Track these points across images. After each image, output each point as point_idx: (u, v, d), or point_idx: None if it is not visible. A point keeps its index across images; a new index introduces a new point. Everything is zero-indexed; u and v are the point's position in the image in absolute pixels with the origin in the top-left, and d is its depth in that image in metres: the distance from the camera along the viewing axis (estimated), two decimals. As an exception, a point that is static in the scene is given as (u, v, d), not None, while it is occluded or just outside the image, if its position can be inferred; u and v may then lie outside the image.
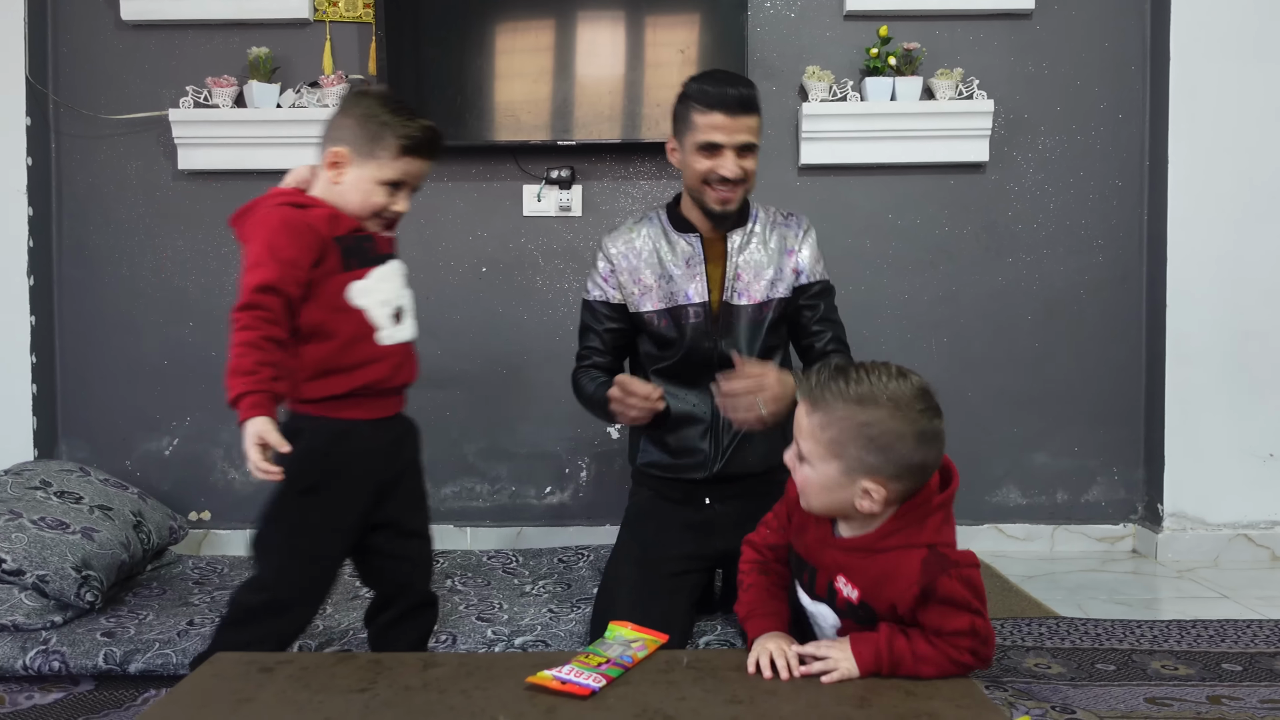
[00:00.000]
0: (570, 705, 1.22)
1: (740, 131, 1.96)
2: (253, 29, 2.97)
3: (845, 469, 1.30)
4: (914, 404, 1.30)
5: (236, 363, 1.50)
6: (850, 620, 1.36)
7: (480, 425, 3.06)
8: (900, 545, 1.31)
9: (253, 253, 1.57)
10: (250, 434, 1.46)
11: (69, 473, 2.58)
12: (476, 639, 2.08)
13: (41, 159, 2.99)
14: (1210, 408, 2.92)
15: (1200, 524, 2.93)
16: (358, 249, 1.65)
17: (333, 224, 1.63)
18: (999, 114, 2.98)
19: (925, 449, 1.30)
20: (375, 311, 1.65)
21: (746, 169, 2.00)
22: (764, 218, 2.13)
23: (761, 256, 2.08)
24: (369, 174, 1.65)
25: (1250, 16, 2.87)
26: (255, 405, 1.47)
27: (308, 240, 1.59)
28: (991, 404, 3.05)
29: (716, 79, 1.99)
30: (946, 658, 1.28)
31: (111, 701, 1.89)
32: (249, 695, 1.28)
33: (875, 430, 1.28)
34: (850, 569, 1.34)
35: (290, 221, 1.59)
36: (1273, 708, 1.80)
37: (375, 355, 1.65)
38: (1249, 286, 2.91)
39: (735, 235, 2.09)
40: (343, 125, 1.67)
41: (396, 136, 1.64)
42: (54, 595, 2.09)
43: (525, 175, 3.02)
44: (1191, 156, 2.90)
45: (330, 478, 1.65)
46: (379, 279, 1.67)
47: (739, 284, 2.07)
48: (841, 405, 1.29)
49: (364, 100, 1.68)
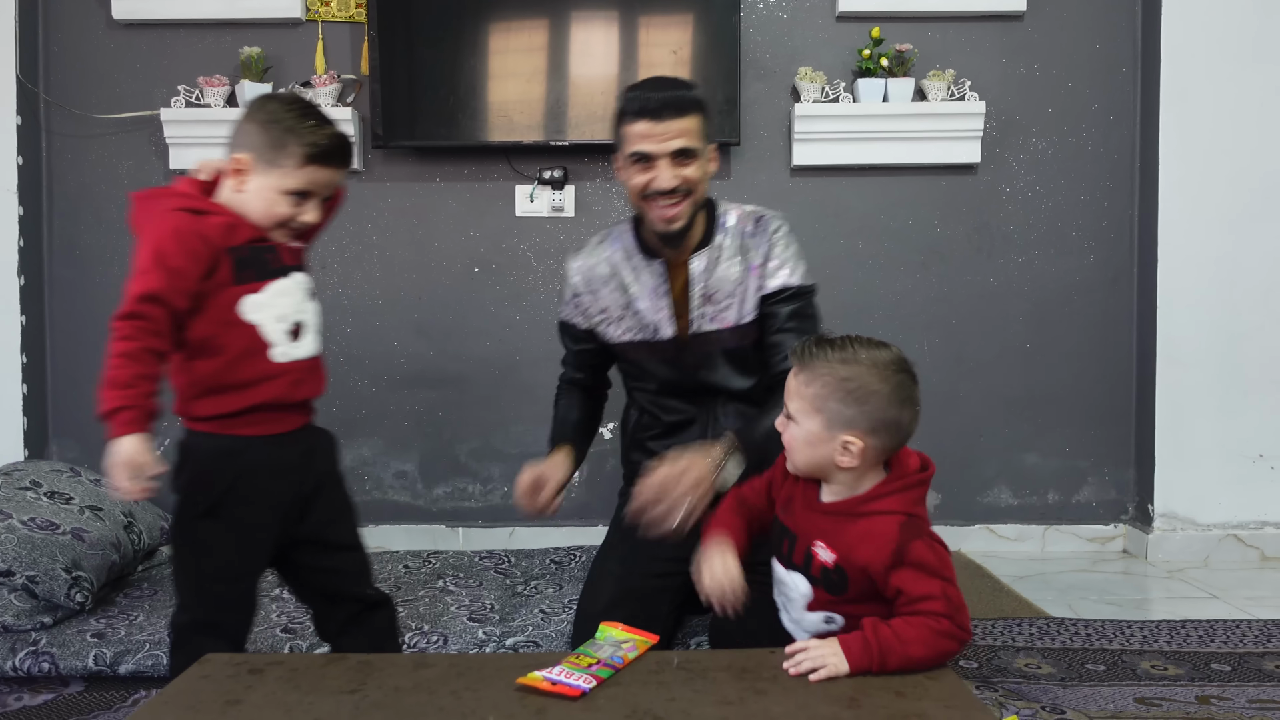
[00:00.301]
0: (560, 706, 1.22)
1: (671, 137, 1.81)
2: (245, 28, 2.97)
3: (826, 423, 1.38)
4: (890, 365, 1.40)
5: (114, 374, 1.44)
6: (822, 589, 1.41)
7: (473, 426, 3.06)
8: (880, 511, 1.38)
9: (141, 257, 1.50)
10: (118, 453, 1.41)
11: (59, 473, 2.57)
12: (468, 639, 2.07)
13: (32, 158, 2.98)
14: (1200, 409, 2.93)
15: (1190, 524, 2.94)
16: (254, 261, 1.56)
17: (228, 233, 1.54)
18: (991, 115, 2.98)
19: (900, 407, 1.38)
20: (269, 327, 1.56)
21: (686, 177, 1.83)
22: (733, 229, 1.97)
23: (729, 275, 1.94)
24: (272, 183, 1.56)
25: (1241, 18, 2.88)
26: (129, 423, 1.42)
27: (198, 250, 1.50)
28: (983, 404, 3.06)
29: (645, 84, 1.87)
30: (930, 630, 1.29)
31: (101, 703, 1.88)
32: (238, 697, 1.27)
33: (853, 384, 1.37)
34: (829, 533, 1.40)
35: (181, 230, 1.50)
36: (1261, 708, 1.81)
37: (269, 372, 1.57)
38: (1239, 288, 2.92)
39: (700, 257, 1.94)
40: (246, 131, 1.58)
41: (301, 145, 1.56)
42: (44, 596, 2.08)
43: (518, 175, 3.02)
44: (1182, 158, 2.91)
45: (227, 497, 1.58)
46: (276, 293, 1.57)
47: (709, 308, 1.94)
48: (824, 364, 1.39)
49: (269, 105, 1.61)
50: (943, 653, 1.30)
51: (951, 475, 3.07)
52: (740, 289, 1.94)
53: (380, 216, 3.04)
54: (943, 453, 3.02)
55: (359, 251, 3.04)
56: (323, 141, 1.57)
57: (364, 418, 3.05)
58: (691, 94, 1.86)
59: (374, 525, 3.04)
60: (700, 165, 1.87)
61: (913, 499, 1.40)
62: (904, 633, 1.29)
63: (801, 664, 1.29)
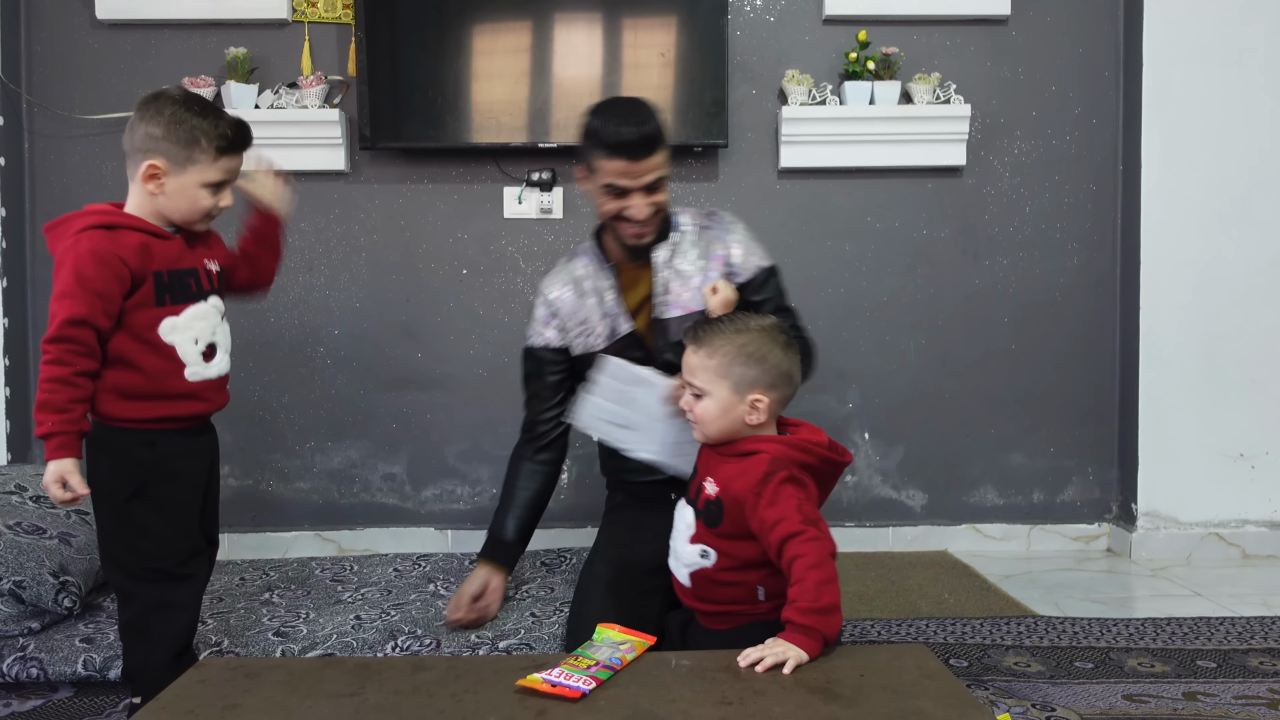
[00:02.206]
0: (561, 708, 1.22)
1: (646, 173, 1.90)
2: (230, 29, 2.95)
3: (734, 387, 1.57)
4: (775, 327, 1.61)
5: (48, 398, 1.54)
6: (701, 522, 1.58)
7: (461, 427, 3.06)
8: (758, 450, 1.54)
9: (62, 280, 1.57)
10: (54, 473, 1.54)
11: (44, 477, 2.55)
12: (460, 642, 2.07)
13: (14, 159, 2.96)
14: (1182, 409, 2.97)
15: (1173, 523, 2.98)
16: (176, 285, 1.65)
17: (144, 255, 1.61)
18: (976, 118, 3.01)
19: (790, 358, 1.59)
20: (185, 349, 1.66)
21: (658, 203, 1.95)
22: (688, 226, 2.07)
23: (688, 266, 2.03)
24: (191, 180, 1.63)
25: (1222, 23, 2.92)
26: (63, 446, 1.54)
27: (117, 271, 1.58)
28: (969, 405, 3.09)
29: (617, 115, 1.91)
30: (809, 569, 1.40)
31: (91, 708, 1.87)
32: (236, 701, 1.27)
33: (751, 347, 1.57)
34: (716, 469, 1.59)
35: (98, 252, 1.57)
36: (1246, 703, 1.83)
37: (182, 390, 1.66)
38: (1220, 289, 2.96)
39: (661, 250, 2.03)
40: (150, 135, 1.62)
41: (211, 139, 1.63)
42: (31, 601, 2.06)
43: (506, 177, 3.02)
44: (1164, 161, 2.95)
45: (151, 477, 1.67)
46: (193, 316, 1.67)
47: (669, 296, 2.02)
48: (720, 337, 1.58)
49: (165, 106, 1.63)
50: (832, 571, 1.42)
51: (937, 475, 3.10)
52: (702, 276, 2.02)
53: (368, 218, 3.03)
54: (929, 453, 3.09)
55: (346, 253, 3.03)
56: (229, 131, 1.66)
57: (352, 420, 3.04)
58: (657, 126, 1.91)
59: (362, 528, 3.04)
60: (666, 186, 1.98)
61: (785, 455, 1.53)
62: (804, 591, 1.38)
63: (766, 661, 1.32)
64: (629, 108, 1.93)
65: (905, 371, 3.08)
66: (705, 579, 1.60)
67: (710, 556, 1.58)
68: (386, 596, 2.39)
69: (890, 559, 2.95)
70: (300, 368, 3.02)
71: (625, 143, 1.87)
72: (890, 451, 3.09)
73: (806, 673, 1.32)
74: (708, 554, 1.58)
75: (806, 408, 1.91)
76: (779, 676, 1.30)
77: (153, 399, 1.64)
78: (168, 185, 1.63)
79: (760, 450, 1.54)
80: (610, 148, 1.88)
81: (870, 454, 3.09)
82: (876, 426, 3.08)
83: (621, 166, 1.88)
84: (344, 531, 3.03)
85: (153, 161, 1.62)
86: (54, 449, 1.54)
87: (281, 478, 3.04)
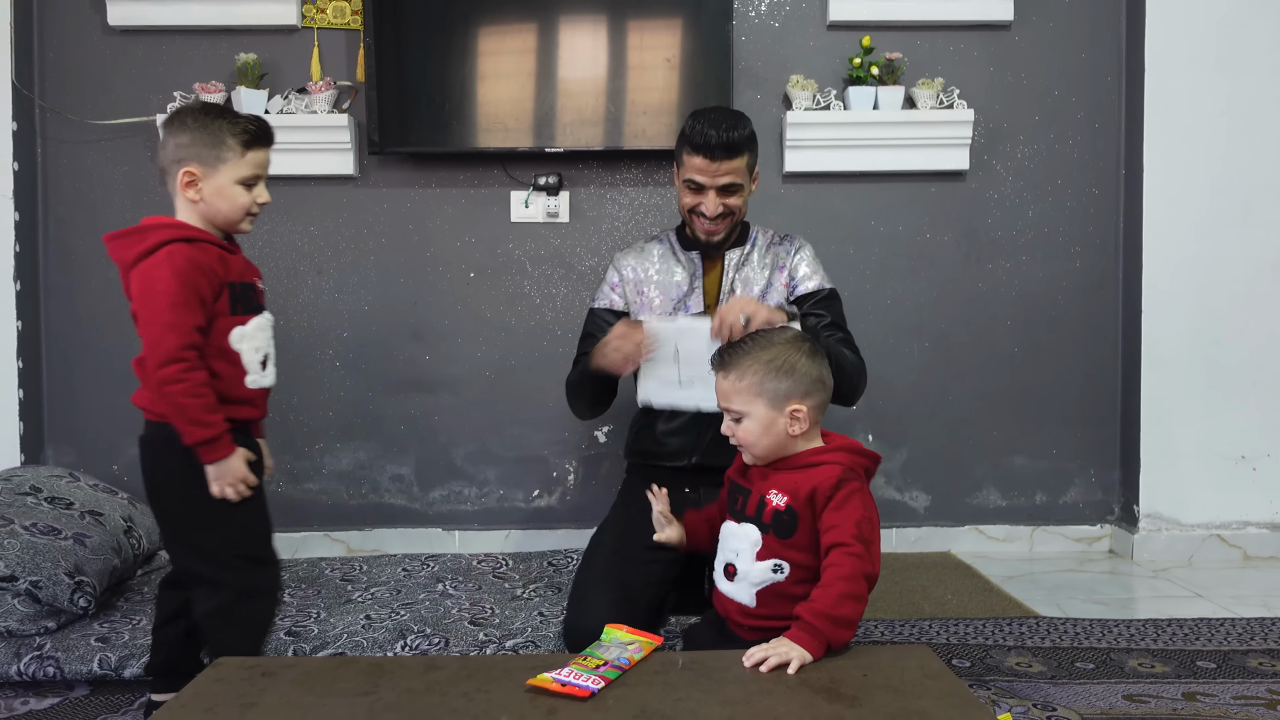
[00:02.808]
0: (571, 707, 1.25)
1: (722, 175, 2.07)
2: (241, 35, 2.99)
3: (769, 402, 1.58)
4: (797, 337, 1.63)
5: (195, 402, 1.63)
6: (772, 534, 1.56)
7: (468, 429, 3.09)
8: (827, 461, 1.57)
9: (166, 293, 1.61)
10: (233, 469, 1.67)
11: (59, 478, 2.59)
12: (469, 642, 2.10)
13: (27, 164, 2.99)
14: (1184, 411, 2.99)
15: (1175, 525, 3.00)
16: (244, 296, 1.73)
17: (223, 265, 1.69)
18: (979, 123, 3.03)
19: (818, 364, 1.61)
20: (249, 356, 1.72)
21: (730, 205, 2.11)
22: (762, 240, 2.25)
23: (754, 274, 2.20)
24: (226, 178, 1.70)
25: (1223, 28, 2.94)
26: (226, 444, 1.66)
27: (210, 280, 1.66)
28: (971, 407, 3.11)
29: (710, 119, 2.06)
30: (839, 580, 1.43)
31: (108, 706, 1.90)
32: (253, 700, 1.30)
33: (779, 361, 1.58)
34: (781, 482, 1.58)
35: (196, 263, 1.65)
36: (1246, 704, 1.86)
37: (241, 396, 1.72)
38: (1222, 292, 2.98)
39: (734, 253, 2.21)
40: (180, 145, 1.69)
41: (235, 135, 1.69)
42: (47, 601, 2.10)
43: (513, 182, 3.05)
44: (1166, 165, 2.97)
45: None
46: (256, 327, 1.74)
47: (733, 297, 2.13)
48: (746, 358, 1.60)
49: (187, 116, 1.71)
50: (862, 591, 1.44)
51: (940, 477, 3.12)
52: (766, 285, 2.19)
53: (376, 222, 3.06)
54: (932, 455, 3.11)
55: (355, 257, 3.06)
56: (251, 125, 1.72)
57: (360, 422, 3.07)
58: (745, 135, 2.08)
59: (370, 528, 3.07)
60: (744, 194, 2.14)
61: (856, 461, 1.58)
62: (825, 597, 1.41)
63: (770, 661, 1.35)
64: (722, 114, 2.09)
65: (908, 374, 3.10)
66: (776, 595, 1.56)
67: (784, 570, 1.56)
68: (396, 596, 2.42)
69: (893, 560, 2.98)
70: (309, 370, 3.05)
71: (708, 143, 2.04)
72: (893, 453, 3.12)
73: (810, 673, 1.34)
74: (780, 568, 1.56)
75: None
76: (784, 676, 1.33)
77: (222, 402, 1.69)
78: (205, 189, 1.70)
79: (827, 461, 1.56)
80: (694, 145, 2.05)
81: (874, 456, 3.11)
82: (880, 428, 3.11)
83: (701, 164, 2.06)
84: (353, 532, 3.06)
85: (187, 168, 1.69)
86: (220, 449, 1.65)
87: (291, 479, 3.07)
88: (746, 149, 2.09)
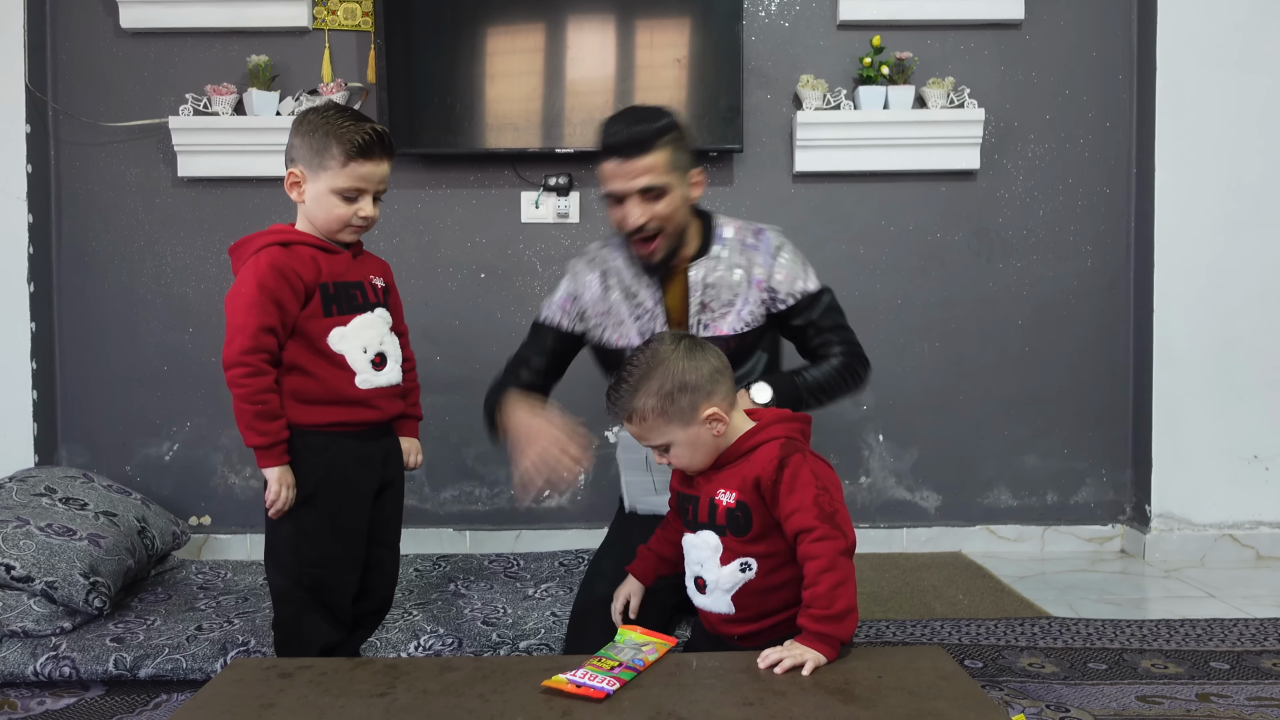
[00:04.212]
0: (586, 708, 1.25)
1: (636, 175, 1.79)
2: (252, 37, 3.00)
3: (683, 422, 1.51)
4: (658, 345, 1.53)
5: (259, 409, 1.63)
6: (730, 535, 1.51)
7: (480, 430, 3.05)
8: (763, 440, 1.51)
9: (245, 294, 1.63)
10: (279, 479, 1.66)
11: (73, 479, 2.60)
12: (482, 642, 2.11)
13: (41, 166, 3.01)
14: (1196, 411, 2.98)
15: (1187, 524, 2.99)
16: (341, 296, 1.70)
17: (315, 268, 1.67)
18: (989, 122, 3.03)
19: (701, 355, 1.52)
20: (354, 356, 1.70)
21: (656, 213, 1.81)
22: (732, 240, 1.95)
23: (727, 287, 1.92)
24: (323, 186, 1.67)
25: (1235, 27, 2.93)
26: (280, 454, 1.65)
27: (293, 283, 1.65)
28: (982, 407, 3.11)
29: (618, 116, 1.83)
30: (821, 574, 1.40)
31: (124, 706, 1.91)
32: (271, 700, 1.30)
33: (669, 383, 1.49)
34: (726, 479, 1.53)
35: (277, 265, 1.64)
36: (1260, 704, 1.85)
37: (353, 397, 1.70)
38: (1233, 292, 2.97)
39: (698, 266, 1.92)
40: (294, 145, 1.70)
41: (340, 143, 1.65)
42: (62, 601, 2.11)
43: (523, 182, 3.05)
44: (1177, 164, 2.96)
45: (324, 483, 1.70)
46: (360, 326, 1.71)
47: (706, 315, 1.92)
48: (634, 398, 1.51)
49: (308, 116, 1.70)
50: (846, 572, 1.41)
51: (952, 476, 3.12)
52: (739, 299, 1.92)
53: (387, 223, 3.06)
54: (943, 454, 3.11)
55: (366, 258, 3.07)
56: (360, 137, 1.66)
57: (371, 422, 3.07)
58: (655, 127, 1.80)
59: (382, 529, 3.07)
60: (673, 199, 1.83)
61: (790, 429, 1.53)
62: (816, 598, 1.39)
63: (785, 663, 1.35)
64: (634, 111, 1.86)
65: (919, 374, 3.10)
66: (753, 593, 1.51)
67: (752, 567, 1.50)
68: (408, 596, 2.43)
69: (904, 560, 2.98)
70: (321, 371, 3.06)
71: (616, 142, 1.79)
72: (904, 453, 3.11)
73: (825, 674, 1.34)
74: (748, 565, 1.50)
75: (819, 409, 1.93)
76: (798, 678, 1.33)
77: (326, 404, 1.69)
78: (307, 193, 1.69)
79: (763, 440, 1.51)
80: (604, 148, 1.81)
81: (884, 456, 3.11)
82: (891, 428, 3.11)
83: (613, 167, 1.80)
84: (364, 532, 3.07)
85: (292, 169, 1.69)
86: (269, 458, 1.64)
87: (303, 479, 3.08)
88: (661, 143, 1.79)
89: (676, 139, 1.83)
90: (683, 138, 1.86)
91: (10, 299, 2.94)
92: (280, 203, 2.90)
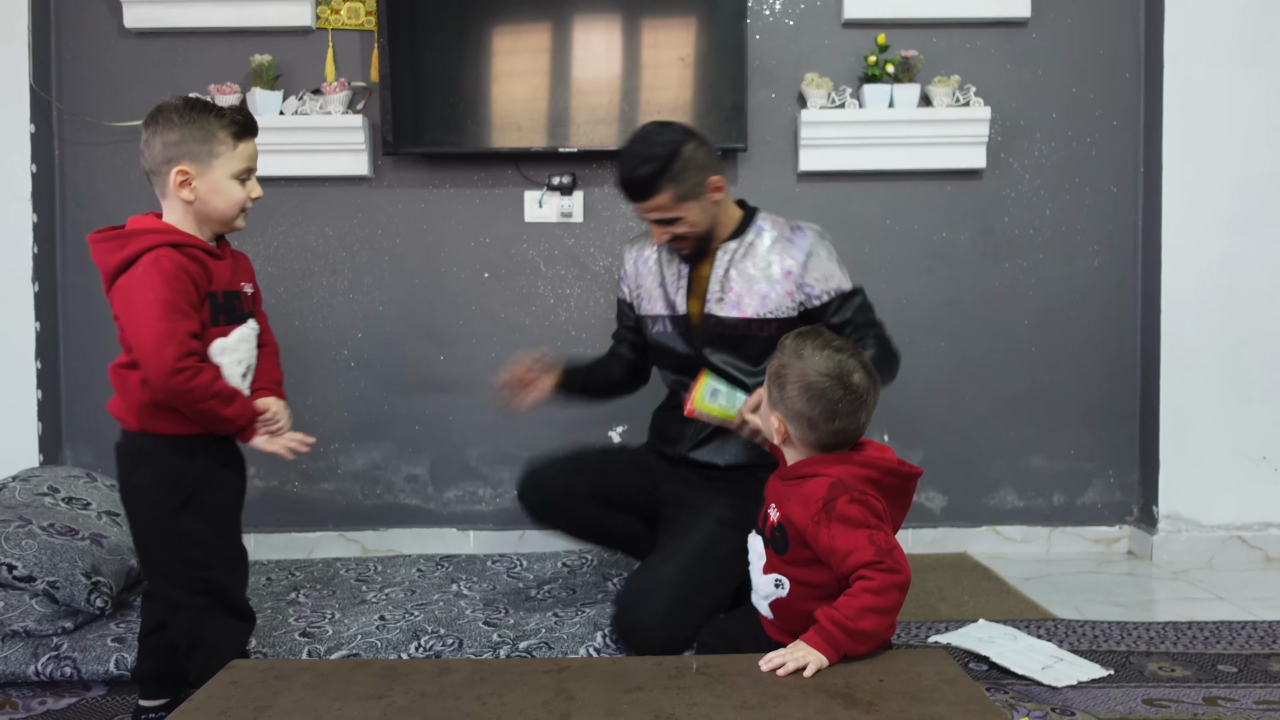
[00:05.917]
0: (586, 710, 1.25)
1: (648, 212, 2.05)
2: (255, 37, 2.99)
3: (768, 398, 1.62)
4: (819, 372, 1.55)
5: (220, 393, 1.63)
6: (771, 550, 1.56)
7: (483, 429, 3.08)
8: (814, 474, 1.54)
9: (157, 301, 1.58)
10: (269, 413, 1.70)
11: (76, 479, 2.60)
12: (482, 643, 2.10)
13: (45, 166, 3.01)
14: (1204, 411, 2.96)
15: (1194, 526, 2.97)
16: (228, 306, 1.68)
17: (206, 274, 1.65)
18: (995, 121, 3.01)
19: (810, 405, 1.54)
20: (230, 369, 1.68)
21: (675, 233, 2.07)
22: (769, 231, 2.15)
23: (757, 271, 2.11)
24: (220, 174, 1.65)
25: (1243, 24, 2.91)
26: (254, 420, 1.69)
27: (198, 288, 1.63)
28: (989, 407, 3.09)
29: (623, 159, 2.04)
30: (867, 593, 1.39)
31: (125, 707, 1.91)
32: (267, 703, 1.30)
33: (782, 374, 1.58)
34: (780, 496, 1.57)
35: (184, 268, 1.61)
36: (1268, 709, 1.83)
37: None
38: (1242, 292, 2.95)
39: (730, 245, 2.13)
40: (168, 144, 1.63)
41: (225, 128, 1.64)
42: (64, 601, 2.11)
43: (526, 182, 3.04)
44: (1185, 163, 2.94)
45: (199, 486, 1.68)
46: (239, 338, 1.70)
47: (729, 295, 2.11)
48: (782, 351, 1.61)
49: (171, 113, 1.64)
50: (892, 604, 1.40)
51: (957, 477, 3.10)
52: (768, 285, 2.09)
53: (390, 222, 3.06)
54: (949, 455, 3.09)
55: (369, 257, 3.06)
56: (239, 116, 1.68)
57: (375, 422, 3.07)
58: (652, 171, 1.98)
59: (385, 529, 3.07)
60: (689, 219, 2.05)
61: (849, 471, 1.52)
62: (848, 608, 1.38)
63: (787, 666, 1.34)
64: (634, 153, 2.02)
65: (925, 374, 3.08)
66: (785, 608, 1.57)
67: (784, 586, 1.55)
68: (410, 597, 2.42)
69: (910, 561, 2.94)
70: (324, 370, 3.06)
71: (623, 185, 2.04)
72: (910, 453, 3.10)
73: (826, 677, 1.34)
74: (781, 583, 1.56)
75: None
76: (799, 681, 1.33)
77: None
78: (200, 187, 1.64)
79: (820, 474, 1.52)
80: (619, 187, 2.06)
81: (890, 456, 3.10)
82: (896, 428, 3.09)
83: (632, 203, 2.06)
84: (368, 532, 3.07)
85: (180, 167, 1.63)
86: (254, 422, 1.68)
87: (306, 479, 3.08)
88: (662, 184, 1.99)
89: (681, 169, 2.00)
90: (689, 163, 2.01)
91: (15, 299, 2.94)
92: (273, 200, 2.91)
